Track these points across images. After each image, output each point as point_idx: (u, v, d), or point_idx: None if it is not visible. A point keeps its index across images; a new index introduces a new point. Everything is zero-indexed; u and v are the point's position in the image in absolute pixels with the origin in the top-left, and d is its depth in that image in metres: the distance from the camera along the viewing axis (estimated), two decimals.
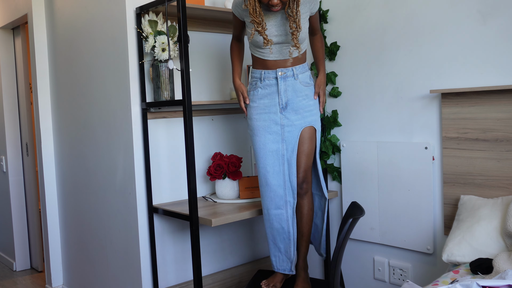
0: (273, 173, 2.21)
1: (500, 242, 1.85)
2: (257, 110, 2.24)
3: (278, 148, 2.21)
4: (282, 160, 2.21)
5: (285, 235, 2.25)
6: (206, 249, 2.78)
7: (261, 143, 2.22)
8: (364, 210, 2.01)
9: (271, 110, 2.22)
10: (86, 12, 2.78)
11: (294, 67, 2.21)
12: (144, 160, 2.49)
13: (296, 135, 2.22)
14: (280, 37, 2.15)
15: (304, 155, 2.25)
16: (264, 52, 2.19)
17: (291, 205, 2.24)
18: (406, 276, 2.47)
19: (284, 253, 2.27)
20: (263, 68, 2.22)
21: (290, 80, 2.21)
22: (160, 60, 2.40)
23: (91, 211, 2.91)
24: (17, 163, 3.97)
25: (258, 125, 2.23)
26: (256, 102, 2.24)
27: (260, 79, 2.22)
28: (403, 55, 2.39)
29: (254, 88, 2.25)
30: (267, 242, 2.37)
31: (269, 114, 2.22)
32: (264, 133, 2.22)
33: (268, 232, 2.29)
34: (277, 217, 2.23)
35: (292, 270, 2.29)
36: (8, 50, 3.94)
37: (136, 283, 2.55)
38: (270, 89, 2.21)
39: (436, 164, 2.32)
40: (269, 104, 2.22)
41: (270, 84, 2.21)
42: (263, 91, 2.22)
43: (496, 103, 2.07)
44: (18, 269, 3.99)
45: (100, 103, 2.72)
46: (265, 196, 2.24)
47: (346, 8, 2.62)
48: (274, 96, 2.21)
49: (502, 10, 2.06)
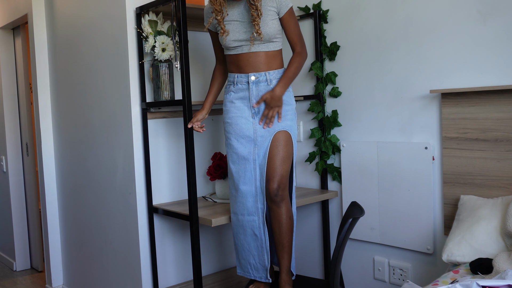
0: (245, 178, 2.16)
1: (500, 242, 1.85)
2: (229, 114, 2.21)
3: (249, 153, 2.17)
4: (254, 165, 2.16)
5: (258, 242, 2.18)
6: (206, 249, 2.78)
7: (233, 147, 2.19)
8: (364, 210, 2.01)
9: (243, 115, 2.19)
10: (86, 12, 2.78)
11: (268, 72, 2.16)
12: (144, 160, 2.49)
13: (268, 139, 2.16)
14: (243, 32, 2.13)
15: (279, 160, 2.13)
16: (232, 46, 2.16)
17: (262, 211, 2.16)
18: (406, 276, 2.47)
19: (258, 261, 2.20)
20: (237, 71, 2.19)
21: (262, 85, 2.16)
22: (160, 60, 2.40)
23: (91, 211, 2.91)
24: (17, 163, 3.97)
25: (231, 129, 2.20)
26: (228, 105, 2.22)
27: (233, 83, 2.20)
28: (403, 55, 2.39)
29: (228, 91, 2.23)
30: (236, 250, 2.27)
31: (241, 118, 2.19)
32: (236, 137, 2.19)
33: (241, 239, 2.21)
34: (250, 223, 2.17)
35: (268, 278, 2.20)
36: (8, 50, 3.94)
37: (136, 283, 2.55)
38: (243, 93, 2.19)
39: (436, 164, 2.32)
40: (242, 108, 2.19)
41: (242, 88, 2.18)
42: (235, 94, 2.20)
43: (496, 103, 2.07)
44: (18, 269, 3.99)
45: (100, 103, 2.72)
46: (237, 201, 2.18)
47: (346, 8, 2.62)
48: (246, 101, 2.19)
49: (502, 10, 2.06)
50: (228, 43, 2.16)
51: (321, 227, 2.81)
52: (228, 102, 2.22)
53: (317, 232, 2.85)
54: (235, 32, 2.15)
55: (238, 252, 2.26)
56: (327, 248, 2.78)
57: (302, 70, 2.80)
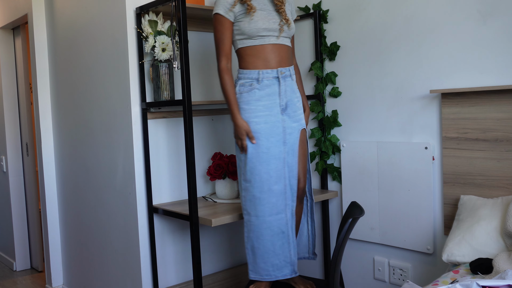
0: (276, 178, 2.12)
1: (500, 242, 1.85)
2: (255, 113, 2.11)
3: (280, 152, 2.14)
4: (283, 163, 2.14)
5: (285, 239, 2.16)
6: (206, 249, 2.78)
7: (264, 147, 2.10)
8: (363, 210, 2.01)
9: (272, 112, 2.12)
10: (86, 12, 2.78)
11: (290, 67, 2.18)
12: (144, 160, 2.49)
13: (296, 137, 2.20)
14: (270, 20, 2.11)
15: (305, 158, 2.25)
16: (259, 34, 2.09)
17: (291, 208, 2.18)
18: (406, 276, 2.47)
19: (283, 258, 2.16)
20: (263, 66, 2.11)
21: (288, 80, 2.17)
22: (160, 60, 2.40)
23: (91, 211, 2.91)
24: (17, 163, 3.97)
25: (259, 128, 2.10)
26: (253, 104, 2.11)
27: (257, 80, 2.11)
28: (403, 55, 2.39)
29: (249, 89, 2.12)
30: (253, 254, 2.17)
31: (270, 116, 2.12)
32: (267, 136, 2.11)
33: (264, 241, 2.13)
34: (278, 222, 2.14)
35: (296, 271, 2.20)
36: (8, 50, 3.94)
37: (136, 283, 2.55)
38: (270, 89, 2.12)
39: (436, 164, 2.32)
40: (269, 106, 2.12)
41: (269, 84, 2.12)
42: (261, 92, 2.12)
43: (496, 103, 2.07)
44: (18, 269, 3.99)
45: (100, 103, 2.73)
46: (265, 202, 2.11)
47: (346, 8, 2.62)
48: (274, 97, 2.13)
49: (502, 10, 2.06)
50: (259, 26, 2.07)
51: (321, 227, 2.81)
52: (253, 101, 2.11)
53: (317, 232, 2.85)
54: (263, 19, 2.10)
55: (257, 255, 2.15)
56: (327, 248, 2.78)
57: (302, 70, 2.80)
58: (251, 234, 2.15)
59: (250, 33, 2.09)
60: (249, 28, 2.08)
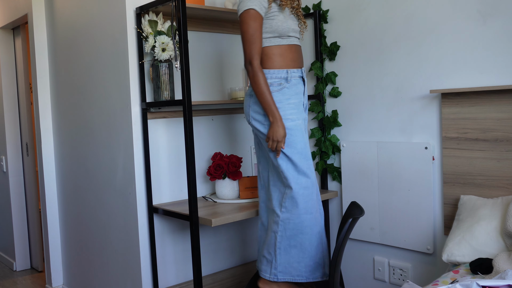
0: (313, 175, 2.15)
1: (500, 242, 1.85)
2: (289, 110, 2.10)
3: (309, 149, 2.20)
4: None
5: (319, 240, 2.13)
6: (206, 249, 2.78)
7: (303, 143, 2.11)
8: (363, 210, 2.01)
9: (299, 110, 2.15)
10: (86, 12, 2.78)
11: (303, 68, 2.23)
12: (144, 160, 2.49)
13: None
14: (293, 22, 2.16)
15: None
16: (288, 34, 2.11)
17: (321, 204, 2.22)
18: (406, 276, 2.46)
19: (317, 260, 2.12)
20: (291, 65, 2.13)
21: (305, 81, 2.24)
22: (160, 60, 2.40)
23: (91, 211, 2.91)
24: (17, 163, 3.97)
25: (295, 125, 2.10)
26: (285, 102, 2.10)
27: (286, 79, 2.11)
28: (403, 55, 2.39)
29: (279, 88, 2.10)
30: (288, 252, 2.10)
31: (300, 113, 2.14)
32: (303, 132, 2.14)
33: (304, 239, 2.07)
34: (315, 220, 2.12)
35: (327, 274, 2.14)
36: (8, 50, 3.94)
37: (136, 283, 2.55)
38: (297, 88, 2.15)
39: (436, 164, 2.31)
40: (297, 104, 2.14)
41: (296, 83, 2.14)
42: (290, 90, 2.12)
43: (496, 103, 2.07)
44: (18, 269, 3.99)
45: (100, 103, 2.72)
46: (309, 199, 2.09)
47: (346, 8, 2.62)
48: (300, 96, 2.17)
49: (502, 10, 2.06)
50: (290, 25, 2.11)
51: None
52: (284, 99, 2.10)
53: None
54: (291, 20, 2.15)
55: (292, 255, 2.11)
56: (327, 248, 2.77)
57: None
58: (288, 233, 2.10)
59: (283, 32, 2.09)
60: (283, 27, 2.09)
